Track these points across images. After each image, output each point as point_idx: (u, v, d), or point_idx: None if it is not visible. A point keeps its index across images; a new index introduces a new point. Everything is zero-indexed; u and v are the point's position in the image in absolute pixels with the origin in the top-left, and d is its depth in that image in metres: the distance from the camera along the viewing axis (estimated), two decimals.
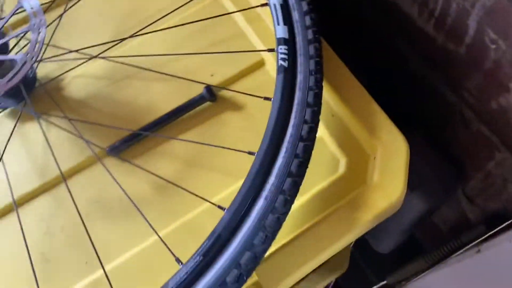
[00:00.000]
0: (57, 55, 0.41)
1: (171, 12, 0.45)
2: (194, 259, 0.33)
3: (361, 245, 0.83)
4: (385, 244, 0.82)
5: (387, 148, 0.39)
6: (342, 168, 0.40)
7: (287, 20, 0.41)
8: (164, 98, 0.44)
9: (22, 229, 0.36)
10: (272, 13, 0.42)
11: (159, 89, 0.45)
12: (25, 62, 0.38)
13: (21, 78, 0.38)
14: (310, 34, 0.40)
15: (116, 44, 0.44)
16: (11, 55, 0.39)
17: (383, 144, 0.39)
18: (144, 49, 0.45)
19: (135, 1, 0.50)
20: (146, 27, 0.44)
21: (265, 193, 0.34)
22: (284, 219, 0.34)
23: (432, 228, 0.80)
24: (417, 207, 0.64)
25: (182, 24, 0.45)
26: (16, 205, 0.39)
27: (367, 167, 0.39)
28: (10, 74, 0.38)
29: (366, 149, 0.40)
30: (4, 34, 0.40)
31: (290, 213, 0.34)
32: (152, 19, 0.45)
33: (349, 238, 0.36)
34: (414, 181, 0.51)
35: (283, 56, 0.39)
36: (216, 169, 0.42)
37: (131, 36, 0.43)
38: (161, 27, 0.44)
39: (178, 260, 0.34)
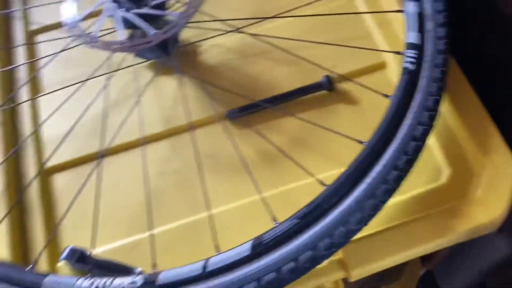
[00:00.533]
0: (202, 21, 0.46)
1: (308, 4, 0.49)
2: (290, 220, 0.35)
3: (428, 280, 0.81)
4: (454, 283, 0.79)
5: (496, 169, 0.39)
6: (444, 178, 0.41)
7: (421, 27, 0.43)
8: (286, 79, 0.48)
9: (144, 163, 0.42)
10: (406, 19, 0.44)
11: (282, 70, 0.49)
12: (179, 21, 0.43)
13: (173, 33, 0.43)
14: (440, 45, 0.41)
15: (256, 22, 0.48)
16: (170, 12, 0.45)
17: (493, 164, 0.39)
18: (277, 32, 0.49)
19: None
20: (284, 12, 0.48)
21: (369, 179, 0.36)
22: (381, 207, 0.35)
23: (508, 281, 0.75)
24: (500, 250, 0.61)
25: (316, 15, 0.48)
26: (144, 142, 0.44)
27: (470, 182, 0.40)
28: (166, 28, 0.43)
29: (473, 165, 0.40)
30: None
31: (386, 206, 0.36)
32: (290, 6, 0.49)
33: (441, 243, 0.37)
34: (504, 222, 0.49)
35: (410, 59, 0.41)
36: (321, 152, 0.44)
37: (272, 17, 0.48)
38: (297, 15, 0.48)
39: (274, 219, 0.37)
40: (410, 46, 0.42)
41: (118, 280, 0.35)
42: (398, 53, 0.43)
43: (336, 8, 0.51)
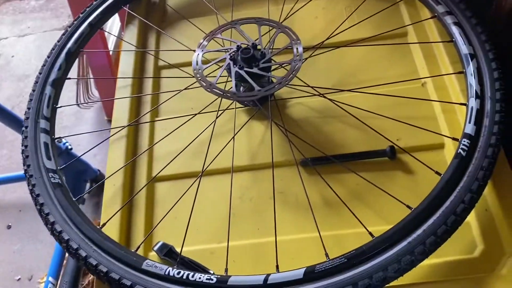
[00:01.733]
0: (296, 85, 0.57)
1: (386, 83, 0.58)
2: (340, 258, 0.44)
3: None
4: None
5: None
6: (477, 253, 0.47)
7: (478, 122, 0.50)
8: (354, 142, 0.58)
9: (231, 187, 0.52)
10: (467, 112, 0.52)
11: (353, 133, 0.58)
12: (280, 82, 0.55)
13: (274, 91, 0.54)
14: (493, 140, 0.49)
15: (337, 91, 0.58)
16: (274, 75, 0.56)
17: None
18: (354, 101, 0.58)
19: (360, 65, 0.65)
20: (362, 87, 0.57)
21: (410, 238, 0.44)
22: (416, 264, 0.43)
23: None
24: None
25: (390, 95, 0.57)
26: (232, 171, 0.55)
27: (500, 261, 0.46)
28: (268, 87, 0.55)
29: (505, 247, 0.47)
30: (271, 60, 0.58)
31: (421, 264, 0.43)
32: (369, 82, 0.59)
33: None
34: None
35: (463, 147, 0.49)
36: (372, 209, 0.53)
37: (350, 90, 0.58)
38: (373, 91, 0.58)
39: (326, 255, 0.46)
40: (466, 136, 0.50)
41: (198, 275, 0.45)
42: (455, 139, 0.51)
43: (409, 90, 0.60)
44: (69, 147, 1.21)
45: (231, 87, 0.56)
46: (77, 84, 1.51)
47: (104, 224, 0.52)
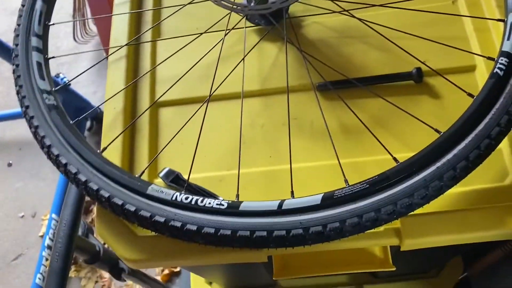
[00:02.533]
0: None
1: None
2: (361, 184, 0.40)
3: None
4: None
5: None
6: (508, 181, 0.44)
7: None
8: (377, 64, 0.53)
9: (241, 112, 0.48)
10: (505, 29, 0.46)
11: (376, 55, 0.53)
12: None
13: (289, 4, 0.49)
14: None
15: (361, 8, 0.52)
16: None
17: None
18: (379, 19, 0.52)
19: None
20: (389, 3, 0.52)
21: (439, 163, 0.40)
22: (445, 190, 0.39)
23: None
24: None
25: (420, 10, 0.52)
26: (243, 95, 0.51)
27: None
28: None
29: None
30: None
31: (450, 192, 0.40)
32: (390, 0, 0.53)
33: (491, 235, 0.41)
34: None
35: (501, 66, 0.44)
36: (396, 135, 0.49)
37: (377, 5, 0.52)
38: (402, 7, 0.52)
39: (346, 181, 0.42)
40: (504, 54, 0.44)
41: (208, 200, 0.42)
42: (490, 59, 0.46)
43: (440, 8, 0.54)
44: (67, 81, 1.16)
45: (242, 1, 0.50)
46: (74, 19, 1.44)
47: (104, 149, 0.49)
